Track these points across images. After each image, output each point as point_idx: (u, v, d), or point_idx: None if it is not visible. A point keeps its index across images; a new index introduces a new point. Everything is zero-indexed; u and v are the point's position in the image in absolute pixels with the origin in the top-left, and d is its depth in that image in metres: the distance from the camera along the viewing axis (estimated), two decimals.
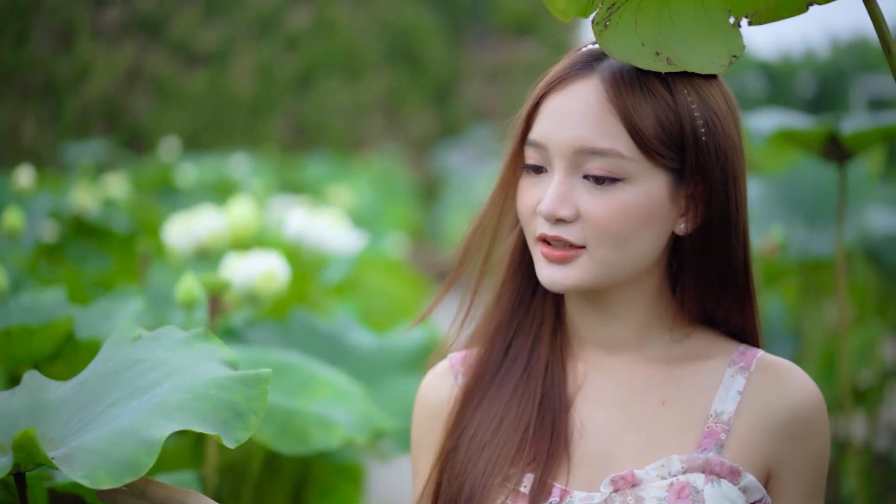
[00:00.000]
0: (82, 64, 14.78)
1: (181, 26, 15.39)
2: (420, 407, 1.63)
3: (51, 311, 2.25)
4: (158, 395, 1.31)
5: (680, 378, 1.52)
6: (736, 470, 1.45)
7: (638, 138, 1.43)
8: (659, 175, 1.45)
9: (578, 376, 1.55)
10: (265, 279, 2.29)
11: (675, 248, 1.53)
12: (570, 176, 1.45)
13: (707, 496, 1.42)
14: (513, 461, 1.49)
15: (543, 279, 1.48)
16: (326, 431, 1.96)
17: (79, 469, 1.20)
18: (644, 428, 1.50)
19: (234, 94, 15.44)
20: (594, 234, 1.45)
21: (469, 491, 1.49)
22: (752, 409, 1.49)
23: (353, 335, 2.62)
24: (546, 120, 1.47)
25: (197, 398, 1.31)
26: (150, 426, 1.26)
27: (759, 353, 1.54)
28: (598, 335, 1.54)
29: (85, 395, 1.38)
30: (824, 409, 1.52)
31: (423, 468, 1.60)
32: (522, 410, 1.53)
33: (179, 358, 1.39)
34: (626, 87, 1.44)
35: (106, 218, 4.85)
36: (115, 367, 1.40)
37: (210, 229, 2.74)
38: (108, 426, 1.27)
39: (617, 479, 1.44)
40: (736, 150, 1.50)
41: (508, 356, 1.57)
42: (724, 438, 1.47)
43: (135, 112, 15.02)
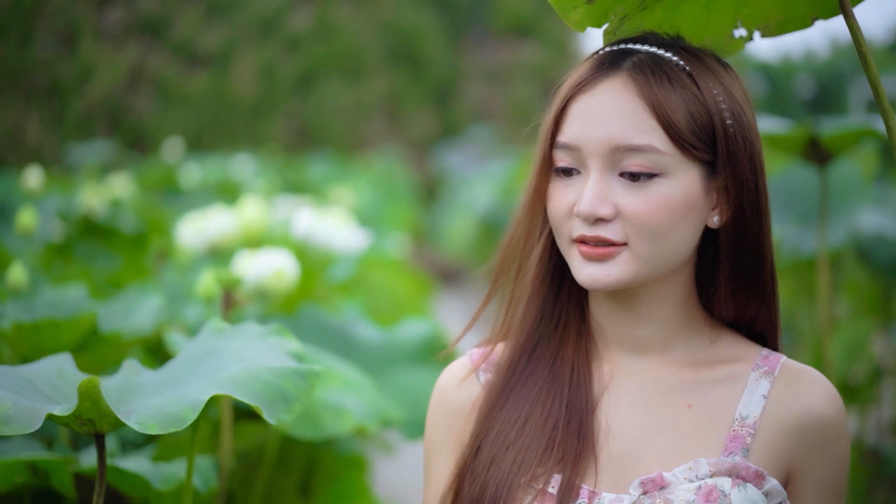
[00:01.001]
0: (85, 65, 14.80)
1: (183, 28, 15.42)
2: (439, 404, 1.61)
3: (73, 306, 2.36)
4: (222, 374, 1.47)
5: (705, 381, 1.52)
6: (760, 474, 1.46)
7: (672, 132, 1.43)
8: (693, 168, 1.45)
9: (604, 377, 1.55)
10: (275, 276, 2.39)
11: (705, 245, 1.53)
12: (606, 175, 1.45)
13: (734, 500, 1.43)
14: (540, 461, 1.48)
15: (583, 278, 1.47)
16: (338, 418, 2.09)
17: (133, 417, 1.37)
18: (670, 430, 1.50)
19: (236, 96, 15.47)
20: (634, 231, 1.44)
21: (494, 490, 1.48)
22: (776, 413, 1.49)
23: (359, 330, 2.73)
24: (577, 121, 1.46)
25: (252, 378, 1.46)
26: (201, 392, 1.42)
27: (783, 358, 1.54)
28: (624, 336, 1.54)
29: (167, 377, 1.56)
30: (846, 418, 1.52)
31: (440, 466, 1.59)
32: (549, 411, 1.52)
33: (252, 348, 1.56)
34: (655, 82, 1.44)
35: (113, 218, 4.93)
36: (197, 355, 1.59)
37: (221, 229, 2.84)
38: (172, 393, 1.44)
39: (646, 482, 1.44)
40: (759, 141, 1.51)
41: (534, 357, 1.57)
42: (750, 442, 1.48)
43: (138, 113, 15.05)
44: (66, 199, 5.79)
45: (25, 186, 5.12)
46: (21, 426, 1.38)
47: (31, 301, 2.39)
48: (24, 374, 1.57)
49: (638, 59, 1.48)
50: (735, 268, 1.51)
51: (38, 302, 2.39)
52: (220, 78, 15.48)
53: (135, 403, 1.45)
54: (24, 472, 1.84)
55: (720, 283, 1.53)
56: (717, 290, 1.53)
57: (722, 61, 1.53)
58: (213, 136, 14.93)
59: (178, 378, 1.54)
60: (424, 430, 1.64)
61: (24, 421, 1.38)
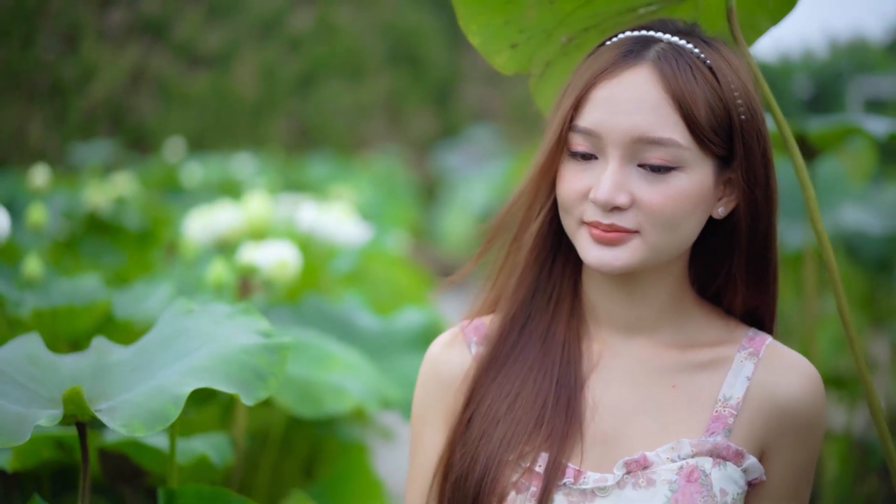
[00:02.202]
0: (88, 66, 14.82)
1: (185, 29, 15.45)
2: (429, 374, 1.62)
3: (88, 294, 2.47)
4: (194, 358, 1.52)
5: (691, 363, 1.54)
6: (740, 452, 1.49)
7: (693, 127, 1.44)
8: (707, 162, 1.47)
9: (593, 356, 1.56)
10: (280, 266, 2.49)
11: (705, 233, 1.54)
12: (624, 164, 1.45)
13: (714, 479, 1.46)
14: (529, 438, 1.50)
15: (592, 260, 1.48)
16: (339, 398, 2.20)
17: (118, 419, 1.41)
18: (654, 410, 1.52)
19: (238, 96, 15.49)
20: (648, 221, 1.45)
21: (484, 465, 1.49)
22: (758, 395, 1.51)
23: (360, 318, 2.84)
24: (600, 108, 1.46)
25: (224, 361, 1.51)
26: (179, 384, 1.46)
27: (768, 339, 1.56)
28: (616, 316, 1.56)
29: (140, 358, 1.61)
30: (823, 403, 1.53)
31: (428, 436, 1.59)
32: (539, 387, 1.53)
33: (221, 329, 1.61)
34: (680, 75, 1.44)
35: (118, 215, 5.01)
36: (168, 336, 1.64)
37: (228, 223, 2.93)
38: (148, 384, 1.48)
39: (630, 462, 1.47)
40: (768, 133, 1.52)
41: (525, 332, 1.57)
42: (732, 423, 1.50)
43: (139, 113, 15.07)
44: (71, 198, 5.87)
45: (32, 185, 5.21)
46: (8, 438, 1.40)
47: (48, 290, 2.50)
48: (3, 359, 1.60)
49: (661, 49, 1.48)
50: (748, 258, 1.53)
51: (54, 291, 2.50)
52: (222, 78, 15.51)
53: (113, 397, 1.49)
54: (51, 447, 1.94)
55: (735, 273, 1.55)
56: (732, 281, 1.55)
57: (734, 51, 1.54)
58: (214, 136, 14.95)
59: (150, 360, 1.59)
60: (413, 399, 1.64)
61: (11, 432, 1.40)
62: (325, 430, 2.69)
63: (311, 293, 2.96)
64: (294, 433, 2.63)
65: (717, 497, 1.45)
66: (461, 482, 1.51)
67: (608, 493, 1.46)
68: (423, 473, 1.59)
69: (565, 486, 1.47)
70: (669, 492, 1.45)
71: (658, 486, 1.45)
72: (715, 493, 1.46)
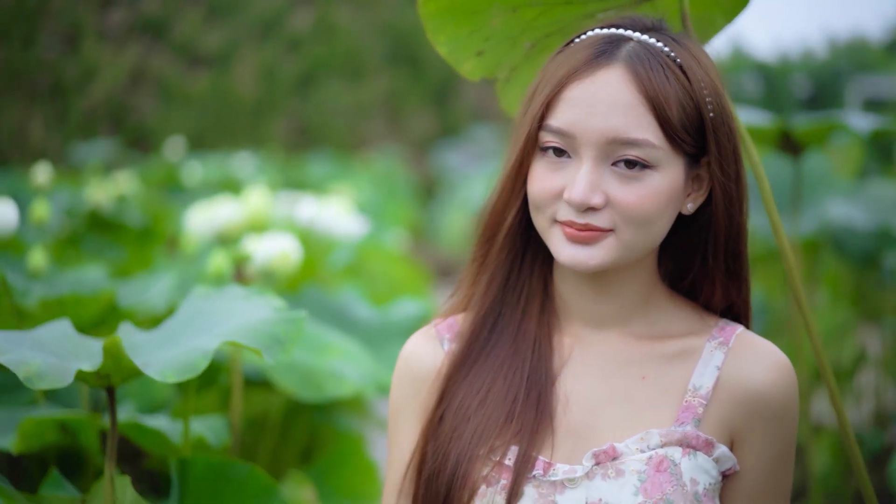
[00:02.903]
0: (88, 66, 14.86)
1: (185, 28, 15.50)
2: (403, 371, 1.64)
3: (93, 285, 2.54)
4: (219, 328, 1.67)
5: (661, 354, 1.55)
6: (710, 442, 1.50)
7: (666, 127, 1.46)
8: (679, 160, 1.48)
9: (565, 350, 1.57)
10: (280, 258, 2.55)
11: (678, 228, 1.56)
12: (598, 164, 1.46)
13: (684, 468, 1.47)
14: (499, 433, 1.51)
15: (565, 258, 1.49)
16: (338, 383, 2.30)
17: (152, 368, 1.55)
18: (625, 402, 1.53)
19: (237, 95, 15.53)
20: (623, 219, 1.47)
21: (455, 460, 1.51)
22: (727, 383, 1.52)
23: (357, 309, 2.93)
24: (574, 109, 1.46)
25: (248, 329, 1.66)
26: (208, 342, 1.61)
27: (739, 328, 1.57)
28: (588, 311, 1.57)
29: (166, 336, 1.75)
30: (794, 393, 1.54)
31: (404, 432, 1.61)
32: (510, 383, 1.54)
33: (240, 307, 1.76)
34: (652, 75, 1.45)
35: (120, 213, 5.07)
36: (190, 316, 1.79)
37: (228, 217, 3.00)
38: (180, 347, 1.63)
39: (599, 454, 1.48)
40: (736, 128, 1.55)
41: (496, 329, 1.58)
42: (702, 413, 1.51)
43: (140, 113, 15.11)
44: (73, 196, 5.93)
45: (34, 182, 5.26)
46: (54, 381, 1.53)
47: (54, 281, 2.58)
48: (34, 337, 1.74)
49: (632, 48, 1.48)
50: (724, 252, 1.55)
51: (60, 282, 2.58)
52: (222, 78, 15.56)
53: (147, 357, 1.62)
54: (54, 430, 2.02)
55: (711, 268, 1.56)
56: (709, 277, 1.57)
57: (700, 46, 1.55)
58: (214, 136, 14.99)
59: (178, 335, 1.72)
60: (389, 396, 1.66)
61: (57, 376, 1.54)
62: (322, 418, 2.76)
63: (310, 285, 3.04)
64: (293, 420, 2.71)
65: (686, 486, 1.46)
66: (433, 478, 1.53)
67: (577, 484, 1.47)
68: (400, 469, 1.62)
69: (535, 479, 1.49)
70: (639, 482, 1.46)
71: (627, 477, 1.47)
72: (685, 482, 1.46)
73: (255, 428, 2.63)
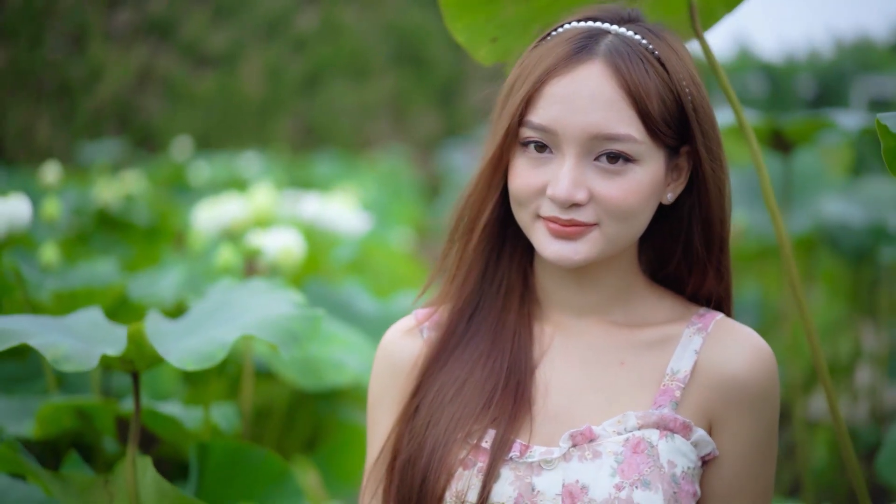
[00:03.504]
0: (95, 66, 14.93)
1: (191, 29, 15.57)
2: (383, 360, 1.63)
3: (104, 278, 2.62)
4: (241, 321, 1.77)
5: (640, 341, 1.55)
6: (688, 425, 1.48)
7: (647, 121, 1.45)
8: (660, 152, 1.48)
9: (545, 338, 1.57)
10: (285, 252, 2.63)
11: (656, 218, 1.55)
12: (581, 160, 1.46)
13: (661, 450, 1.46)
14: (477, 418, 1.50)
15: (550, 254, 1.48)
16: (339, 372, 2.39)
17: (173, 356, 1.64)
18: (604, 387, 1.52)
19: (243, 95, 15.60)
20: (607, 214, 1.47)
21: (431, 447, 1.50)
22: (705, 368, 1.51)
23: (359, 301, 3.01)
24: (555, 105, 1.46)
25: (267, 323, 1.75)
26: (227, 334, 1.70)
27: (719, 315, 1.56)
28: (569, 301, 1.57)
29: (190, 324, 1.85)
30: (772, 379, 1.52)
31: (383, 421, 1.60)
32: (489, 372, 1.53)
33: (261, 300, 1.85)
34: (633, 70, 1.45)
35: (127, 211, 5.14)
36: (214, 306, 1.89)
37: (235, 214, 3.08)
38: (200, 336, 1.72)
39: (575, 435, 1.47)
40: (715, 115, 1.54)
41: (474, 322, 1.58)
42: (679, 396, 1.50)
43: (146, 112, 15.18)
44: (81, 195, 5.99)
45: (43, 181, 5.33)
46: (80, 364, 1.62)
47: (66, 274, 2.66)
48: (65, 323, 1.84)
49: (611, 42, 1.48)
50: (710, 239, 1.55)
51: (72, 275, 2.66)
52: (228, 78, 15.63)
53: (169, 345, 1.71)
54: (71, 416, 2.10)
55: (697, 257, 1.56)
56: (699, 266, 1.56)
57: (676, 36, 1.55)
58: (220, 135, 15.05)
59: (200, 325, 1.81)
60: (369, 386, 1.66)
61: (83, 359, 1.62)
62: (326, 408, 2.84)
63: (314, 279, 3.13)
64: (297, 411, 2.79)
65: (664, 468, 1.45)
66: (408, 466, 1.52)
67: (554, 465, 1.47)
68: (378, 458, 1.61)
69: (512, 461, 1.48)
70: (616, 463, 1.45)
71: (604, 458, 1.46)
72: (662, 463, 1.46)
73: (261, 418, 2.71)
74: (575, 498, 1.44)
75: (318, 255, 3.47)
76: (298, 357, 2.38)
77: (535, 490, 1.46)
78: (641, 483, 1.44)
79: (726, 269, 1.59)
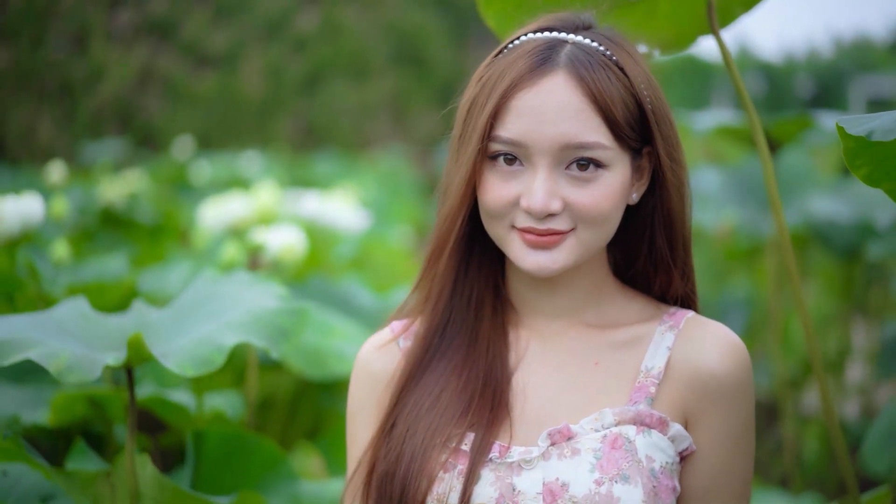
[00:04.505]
0: (96, 66, 14.99)
1: (192, 29, 15.62)
2: (361, 372, 1.63)
3: (114, 273, 2.72)
4: (230, 315, 1.81)
5: (613, 341, 1.57)
6: (664, 420, 1.51)
7: (614, 127, 1.48)
8: (625, 155, 1.51)
9: (521, 343, 1.60)
10: (287, 249, 2.73)
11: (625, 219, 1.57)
12: (553, 170, 1.47)
13: (638, 446, 1.48)
14: (456, 424, 1.52)
15: (529, 266, 1.50)
16: (341, 362, 2.50)
17: (171, 361, 1.69)
18: (580, 387, 1.54)
19: (244, 95, 15.64)
20: (581, 220, 1.49)
21: (409, 456, 1.51)
22: (678, 363, 1.54)
23: (359, 296, 3.12)
24: (522, 118, 1.47)
25: (255, 320, 1.80)
26: (221, 336, 1.75)
27: (690, 313, 1.59)
28: (542, 305, 1.59)
29: (177, 316, 1.90)
30: (744, 373, 1.55)
31: (361, 433, 1.61)
32: (465, 382, 1.55)
33: (247, 293, 1.90)
34: (596, 78, 1.47)
35: (131, 210, 5.21)
36: (200, 298, 1.93)
37: (238, 212, 3.17)
38: (193, 336, 1.77)
39: (553, 433, 1.49)
40: (672, 116, 1.56)
41: (447, 334, 1.60)
42: (654, 392, 1.52)
43: (147, 112, 15.22)
44: (85, 194, 6.07)
45: (49, 180, 5.40)
46: (84, 374, 1.67)
47: (77, 270, 2.76)
48: (54, 319, 1.87)
49: (571, 52, 1.50)
50: (673, 238, 1.59)
51: (83, 271, 2.76)
52: (228, 78, 15.68)
53: (162, 345, 1.77)
54: (84, 404, 2.19)
55: (659, 256, 1.59)
56: (663, 265, 1.59)
57: (629, 41, 1.57)
58: (221, 135, 15.09)
59: (187, 317, 1.87)
60: (347, 398, 1.67)
61: (86, 370, 1.68)
62: (327, 400, 2.95)
63: (316, 275, 3.23)
64: (300, 402, 2.89)
65: (642, 462, 1.47)
66: (386, 479, 1.53)
67: (534, 464, 1.48)
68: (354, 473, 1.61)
69: (492, 462, 1.50)
70: (594, 459, 1.47)
71: (583, 455, 1.48)
72: (640, 458, 1.48)
73: (266, 408, 2.82)
74: (556, 495, 1.46)
75: (319, 252, 3.57)
76: (304, 348, 2.49)
77: (515, 490, 1.47)
78: (621, 477, 1.46)
79: (689, 268, 1.62)
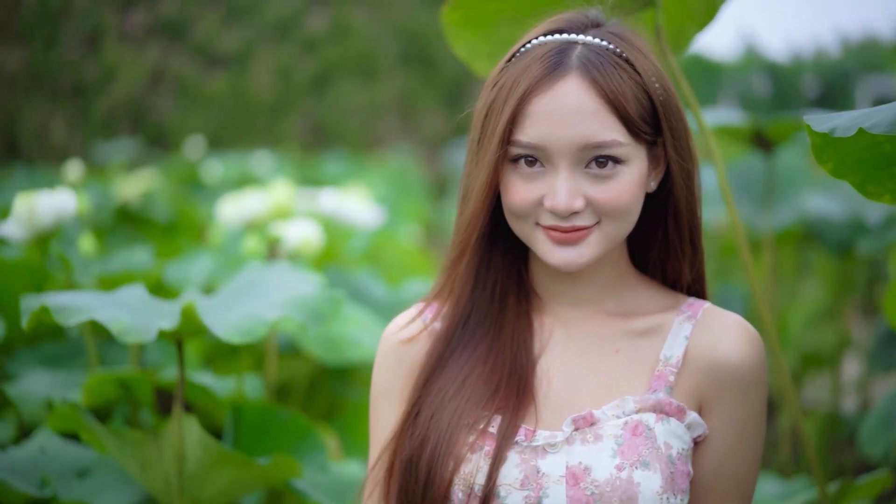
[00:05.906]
0: (109, 66, 15.11)
1: (203, 30, 15.72)
2: (387, 353, 1.66)
3: (141, 265, 2.88)
4: (272, 297, 2.03)
5: (633, 330, 1.61)
6: (682, 408, 1.55)
7: (628, 124, 1.52)
8: (641, 149, 1.55)
9: (545, 330, 1.64)
10: (305, 242, 2.87)
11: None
12: (573, 170, 1.52)
13: (658, 433, 1.53)
14: (484, 408, 1.56)
15: (556, 261, 1.54)
16: (355, 348, 2.67)
17: (220, 329, 1.89)
18: (601, 374, 1.59)
19: (254, 95, 15.73)
20: (605, 214, 1.54)
21: (435, 440, 1.54)
22: (695, 352, 1.58)
23: (372, 287, 3.29)
24: (540, 122, 1.51)
25: (295, 301, 2.01)
26: (265, 312, 1.96)
27: (706, 304, 1.63)
28: (566, 294, 1.63)
29: (227, 300, 2.10)
30: (759, 362, 1.59)
31: (386, 415, 1.64)
32: (490, 371, 1.59)
33: (287, 280, 2.11)
34: (608, 78, 1.51)
35: (146, 208, 5.35)
36: (246, 284, 2.15)
37: (256, 208, 3.30)
38: (240, 311, 1.98)
39: (577, 419, 1.53)
40: (681, 105, 1.60)
41: (469, 326, 1.62)
42: (673, 380, 1.57)
43: (159, 112, 15.33)
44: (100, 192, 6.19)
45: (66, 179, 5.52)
46: (140, 336, 1.85)
47: (105, 262, 2.91)
48: (118, 298, 2.07)
49: (582, 53, 1.54)
50: (684, 225, 1.62)
51: (110, 262, 2.91)
52: (239, 78, 15.78)
53: (212, 318, 1.95)
54: (115, 387, 2.33)
55: (672, 244, 1.63)
56: (675, 253, 1.63)
57: (636, 34, 1.61)
58: (231, 135, 15.18)
59: (236, 300, 2.06)
60: (372, 379, 1.69)
61: (142, 332, 1.86)
62: (342, 387, 3.10)
63: (331, 267, 3.39)
64: (316, 388, 3.04)
65: (661, 449, 1.52)
66: (411, 464, 1.56)
67: (558, 448, 1.53)
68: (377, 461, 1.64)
69: (518, 445, 1.54)
70: (616, 445, 1.52)
71: (605, 441, 1.52)
72: (659, 445, 1.52)
73: (283, 393, 2.96)
74: (578, 479, 1.51)
75: (334, 245, 3.74)
76: (322, 334, 2.66)
77: (540, 472, 1.52)
78: (641, 463, 1.51)
79: (698, 258, 1.66)
